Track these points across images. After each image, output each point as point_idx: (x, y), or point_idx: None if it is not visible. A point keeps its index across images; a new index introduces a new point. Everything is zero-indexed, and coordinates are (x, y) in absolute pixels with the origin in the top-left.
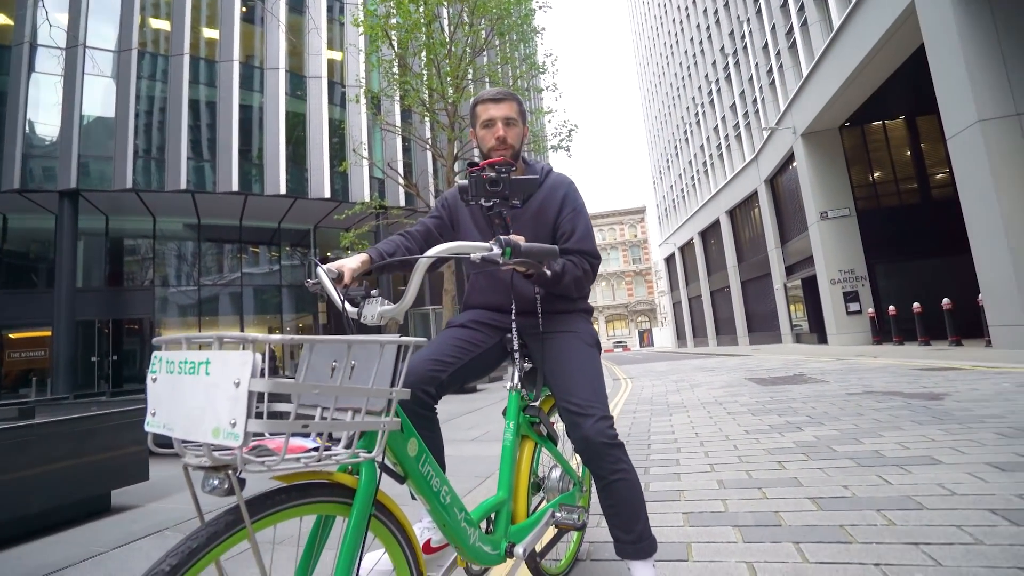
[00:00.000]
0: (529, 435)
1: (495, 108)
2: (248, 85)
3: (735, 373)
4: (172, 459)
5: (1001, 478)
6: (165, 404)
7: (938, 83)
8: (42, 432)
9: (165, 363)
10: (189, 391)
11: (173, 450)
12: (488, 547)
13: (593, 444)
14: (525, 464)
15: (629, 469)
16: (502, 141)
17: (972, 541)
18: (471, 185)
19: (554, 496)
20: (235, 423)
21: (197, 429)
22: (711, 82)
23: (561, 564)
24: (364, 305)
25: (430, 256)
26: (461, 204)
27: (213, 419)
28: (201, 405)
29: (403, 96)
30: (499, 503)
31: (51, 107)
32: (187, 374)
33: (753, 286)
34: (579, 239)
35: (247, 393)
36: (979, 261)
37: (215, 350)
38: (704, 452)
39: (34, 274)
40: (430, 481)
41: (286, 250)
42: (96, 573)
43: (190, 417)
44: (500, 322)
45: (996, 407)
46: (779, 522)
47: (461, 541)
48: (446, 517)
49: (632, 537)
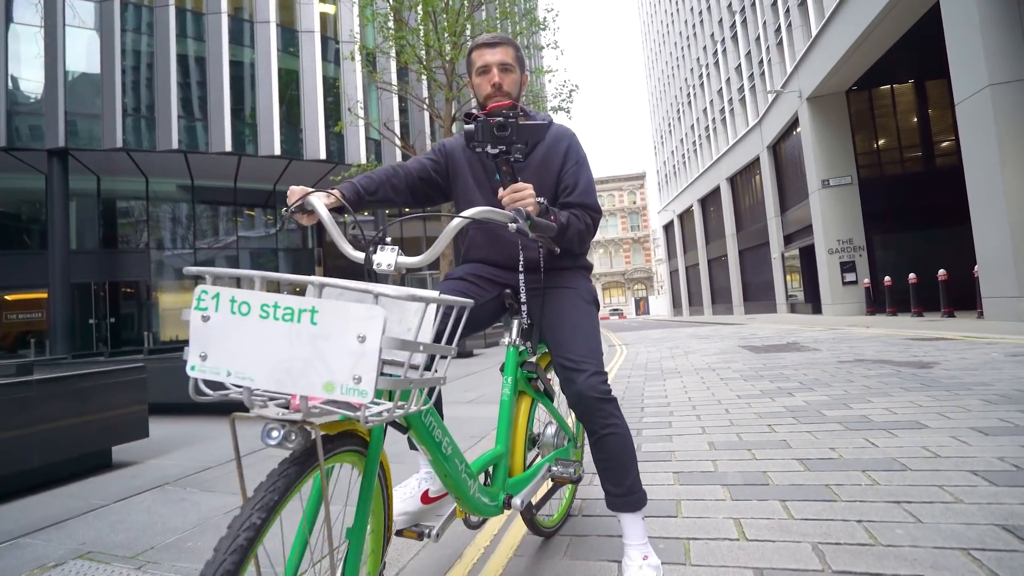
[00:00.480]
0: (526, 391)
1: (490, 53)
2: (238, 40)
3: (729, 341)
4: (174, 417)
5: (984, 441)
6: (230, 349)
7: (951, 44)
8: (43, 388)
9: (229, 301)
10: (283, 340)
11: (215, 396)
12: (487, 499)
13: (586, 398)
14: (522, 419)
15: (621, 424)
16: (498, 88)
17: (952, 500)
18: (477, 130)
19: (549, 451)
20: (360, 379)
21: (297, 382)
22: (716, 42)
23: (554, 518)
24: (377, 252)
25: (465, 217)
26: (459, 154)
27: (325, 373)
28: (305, 357)
29: (399, 53)
30: (497, 456)
31: (33, 60)
32: (280, 320)
33: (751, 255)
34: (581, 193)
35: (377, 349)
36: (978, 232)
37: (323, 300)
38: (696, 415)
39: (27, 235)
40: (432, 432)
41: (282, 213)
42: (98, 524)
43: (286, 369)
44: (499, 277)
45: (984, 375)
46: (767, 481)
47: (461, 492)
48: (447, 468)
49: (622, 491)
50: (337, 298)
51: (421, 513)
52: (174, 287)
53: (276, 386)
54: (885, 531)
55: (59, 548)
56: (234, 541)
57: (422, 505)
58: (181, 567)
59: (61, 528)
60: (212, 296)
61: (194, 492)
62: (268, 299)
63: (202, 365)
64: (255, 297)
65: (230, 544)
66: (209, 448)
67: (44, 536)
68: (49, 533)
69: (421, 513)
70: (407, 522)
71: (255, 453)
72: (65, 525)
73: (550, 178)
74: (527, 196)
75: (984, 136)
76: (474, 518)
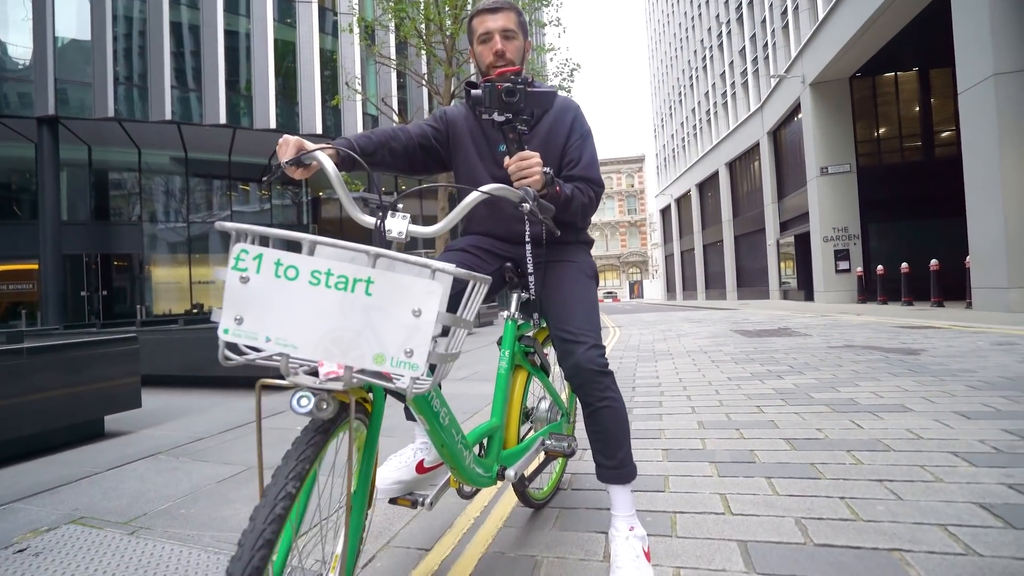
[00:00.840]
0: (523, 365)
1: (491, 19)
2: (233, 8)
3: (721, 325)
4: (166, 388)
5: (966, 425)
6: (272, 314)
7: (958, 32)
8: (35, 357)
9: (273, 264)
10: (334, 309)
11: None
12: (481, 469)
13: (584, 371)
14: (518, 393)
15: (616, 397)
16: (500, 55)
17: (932, 479)
18: (485, 95)
19: (542, 426)
20: (412, 352)
21: (347, 353)
22: (721, 23)
23: (544, 491)
24: (390, 217)
25: (484, 192)
26: (461, 123)
27: (376, 345)
28: (357, 328)
29: (398, 26)
30: (492, 429)
31: (21, 25)
32: (333, 288)
33: (746, 241)
34: (585, 166)
35: (432, 324)
36: (972, 222)
37: (378, 270)
38: (687, 396)
39: (17, 205)
40: (431, 402)
41: (277, 188)
42: (91, 491)
43: (335, 338)
44: (501, 250)
45: (969, 363)
46: (754, 459)
47: (457, 462)
48: (444, 437)
49: (614, 463)
50: (396, 270)
51: (415, 482)
52: (167, 261)
53: (323, 355)
54: (867, 507)
55: (52, 513)
56: (272, 511)
57: (417, 475)
58: (174, 532)
59: (54, 494)
60: (254, 257)
61: (186, 461)
62: (320, 265)
63: (237, 329)
64: (305, 262)
65: (268, 513)
66: (200, 419)
67: (37, 501)
68: (42, 499)
69: (415, 482)
70: (401, 490)
71: (245, 426)
72: (58, 491)
73: (555, 150)
74: (534, 164)
75: (985, 126)
76: (467, 488)
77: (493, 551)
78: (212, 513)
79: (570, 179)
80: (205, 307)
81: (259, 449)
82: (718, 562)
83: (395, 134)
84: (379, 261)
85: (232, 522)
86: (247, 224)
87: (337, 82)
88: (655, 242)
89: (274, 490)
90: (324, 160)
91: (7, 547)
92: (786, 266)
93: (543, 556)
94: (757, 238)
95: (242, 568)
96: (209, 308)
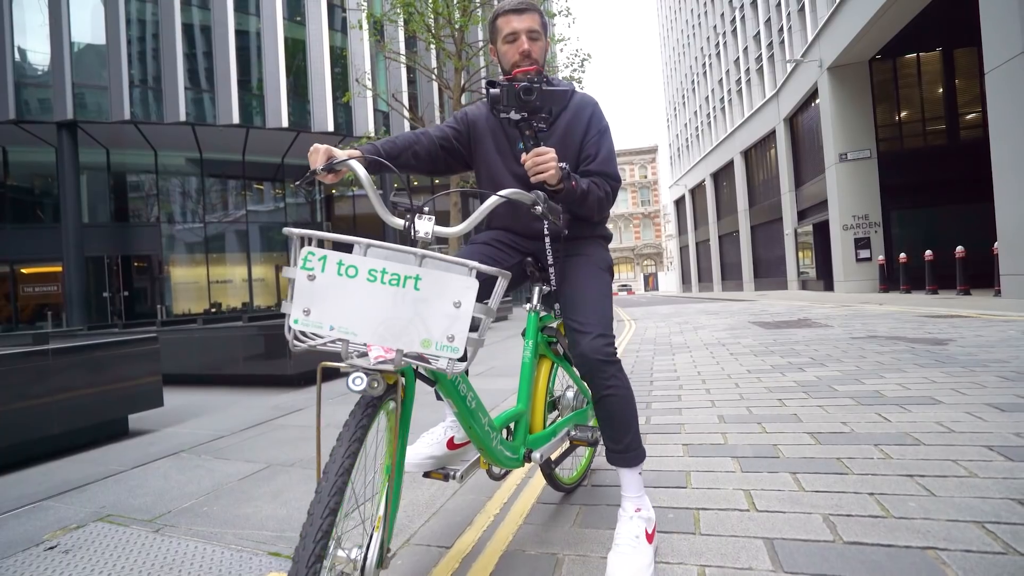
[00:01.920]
0: (547, 354)
1: (518, 20)
2: (243, 8)
3: (739, 316)
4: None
5: (1000, 417)
6: (335, 306)
7: (984, 8)
8: (60, 358)
9: (336, 264)
10: (388, 301)
11: (307, 346)
12: (508, 451)
13: (589, 360)
14: (542, 380)
15: (621, 385)
16: (526, 55)
17: (967, 474)
18: (503, 94)
19: (568, 412)
20: (453, 338)
21: (399, 338)
22: (735, 8)
23: (573, 475)
24: (418, 219)
25: (502, 196)
26: (482, 123)
27: (423, 332)
28: (407, 317)
29: (407, 21)
30: (518, 414)
31: (38, 30)
32: (387, 284)
33: (763, 231)
34: (602, 161)
35: (469, 314)
36: (1000, 207)
37: (424, 268)
38: (706, 389)
39: (40, 209)
40: (458, 387)
41: (290, 187)
42: (117, 489)
43: (389, 326)
44: (521, 245)
45: (1000, 352)
46: (777, 454)
47: (484, 443)
48: (471, 420)
49: (620, 447)
50: (441, 268)
51: (447, 457)
52: (185, 261)
53: (378, 340)
54: (898, 504)
55: (80, 511)
56: (333, 484)
57: (448, 451)
58: (198, 530)
59: (82, 492)
60: (319, 258)
61: (208, 459)
62: (376, 265)
63: (305, 319)
64: (363, 262)
65: (331, 487)
66: (221, 417)
67: (66, 499)
68: (70, 497)
69: (447, 457)
70: (434, 465)
71: (280, 418)
72: (85, 489)
73: (573, 147)
74: (549, 160)
75: (1013, 106)
76: (496, 469)
77: (513, 548)
78: (234, 511)
79: (587, 174)
80: (223, 306)
81: (318, 422)
82: (744, 560)
83: (418, 138)
84: (425, 261)
85: (254, 519)
86: (310, 230)
87: (347, 79)
88: (669, 233)
89: (334, 467)
90: (356, 167)
91: (38, 544)
92: (804, 256)
93: (564, 554)
94: (774, 227)
95: (314, 532)
96: (227, 307)
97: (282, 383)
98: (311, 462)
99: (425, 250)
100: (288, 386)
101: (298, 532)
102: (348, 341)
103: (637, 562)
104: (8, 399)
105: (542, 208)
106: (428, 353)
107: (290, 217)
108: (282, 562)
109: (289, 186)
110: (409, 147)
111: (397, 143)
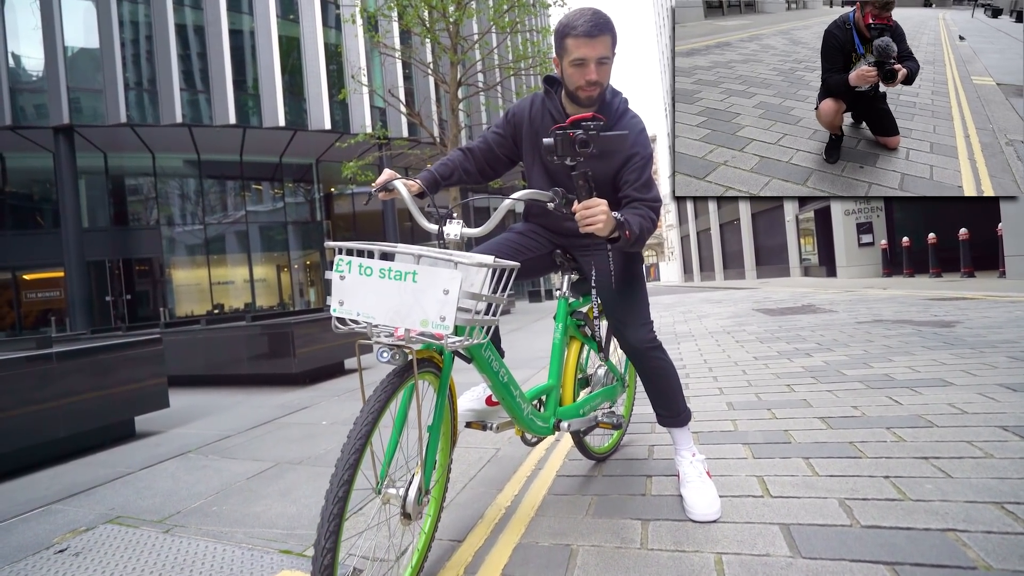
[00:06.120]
0: (576, 336)
1: (589, 47)
2: (236, 7)
3: (742, 304)
4: (191, 388)
5: (1013, 398)
6: (359, 298)
7: None
8: (65, 361)
9: (358, 266)
10: (395, 292)
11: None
12: (539, 420)
13: (636, 351)
14: (572, 358)
15: (666, 362)
16: (592, 83)
17: (982, 455)
18: (557, 144)
19: (599, 388)
20: (444, 318)
21: (405, 319)
22: None
23: (605, 446)
24: (447, 224)
25: (516, 199)
26: (526, 123)
27: (421, 314)
28: (409, 303)
29: (401, 15)
30: (548, 388)
31: (31, 35)
32: (392, 279)
33: (764, 218)
34: (642, 186)
35: (455, 299)
36: None
37: (420, 265)
38: (713, 377)
39: (39, 215)
40: (491, 363)
41: (289, 186)
42: (125, 491)
43: (396, 311)
44: (552, 238)
45: (1009, 333)
46: (788, 440)
47: (516, 412)
48: (503, 392)
49: (671, 412)
50: (432, 264)
51: (485, 412)
52: (186, 263)
53: (389, 321)
54: (914, 486)
55: (89, 513)
56: (356, 442)
57: (486, 406)
58: (207, 530)
59: (90, 495)
60: (347, 263)
61: (216, 459)
62: (385, 265)
63: (340, 309)
64: (376, 264)
65: (353, 444)
66: (227, 417)
67: (75, 502)
68: (79, 499)
69: (485, 412)
70: (474, 416)
71: (286, 416)
72: (94, 491)
73: (615, 165)
74: (599, 213)
75: None
76: (529, 436)
77: (527, 541)
78: (243, 509)
79: (627, 198)
80: (226, 307)
81: (363, 390)
82: (761, 546)
83: (467, 156)
84: (421, 260)
85: (263, 518)
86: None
87: (343, 76)
88: (670, 224)
89: (360, 421)
90: (400, 187)
91: (48, 547)
92: (806, 242)
93: (578, 545)
94: (775, 215)
95: (345, 460)
96: (230, 309)
97: (287, 382)
98: (319, 459)
99: (421, 251)
100: (293, 384)
101: (308, 529)
102: (372, 324)
103: (710, 492)
104: (14, 403)
105: (555, 205)
106: (426, 331)
107: (290, 217)
108: (293, 559)
109: (366, 203)
110: (460, 166)
111: (448, 164)
